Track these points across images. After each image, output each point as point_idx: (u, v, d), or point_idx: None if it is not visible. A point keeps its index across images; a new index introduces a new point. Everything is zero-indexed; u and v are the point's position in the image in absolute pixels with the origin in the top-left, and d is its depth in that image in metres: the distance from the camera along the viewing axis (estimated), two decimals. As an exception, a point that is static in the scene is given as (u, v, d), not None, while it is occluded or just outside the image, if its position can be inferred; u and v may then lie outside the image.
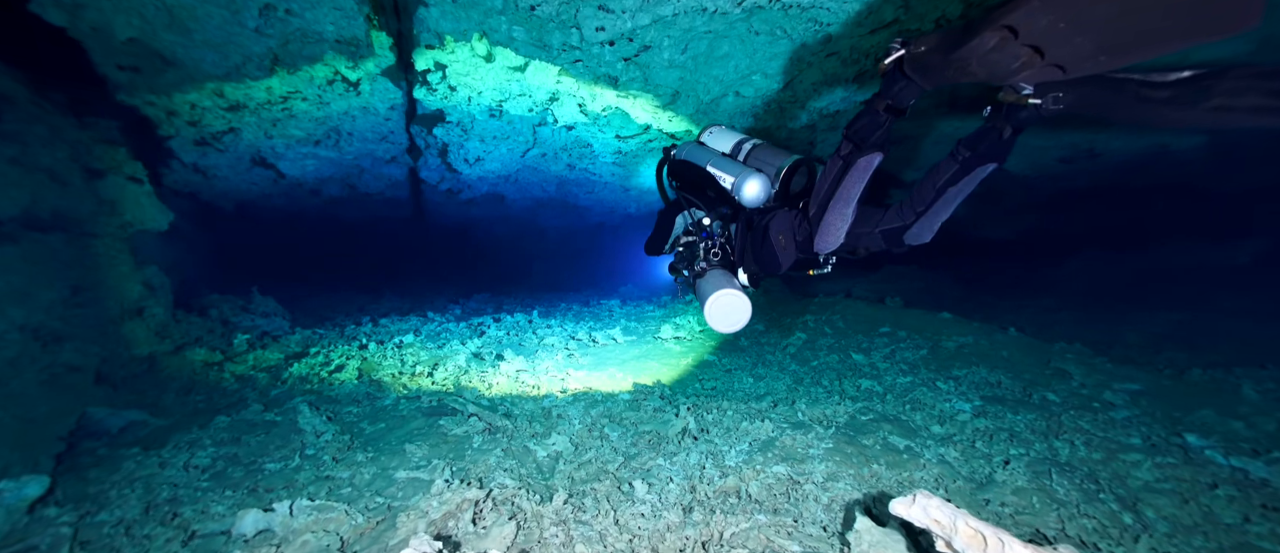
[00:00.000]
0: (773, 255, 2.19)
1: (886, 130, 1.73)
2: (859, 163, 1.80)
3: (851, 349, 4.53)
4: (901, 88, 1.61)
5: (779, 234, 2.17)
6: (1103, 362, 3.90)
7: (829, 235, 1.97)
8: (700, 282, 2.32)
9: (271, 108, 5.52)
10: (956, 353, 4.14)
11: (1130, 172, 6.29)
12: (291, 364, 4.33)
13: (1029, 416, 3.15)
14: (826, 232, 1.97)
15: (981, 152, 1.71)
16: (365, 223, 11.62)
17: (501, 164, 8.01)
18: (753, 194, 2.11)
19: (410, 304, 8.97)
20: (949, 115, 4.93)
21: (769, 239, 2.18)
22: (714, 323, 2.15)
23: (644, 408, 3.38)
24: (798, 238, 2.11)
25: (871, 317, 5.20)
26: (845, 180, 1.85)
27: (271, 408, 3.49)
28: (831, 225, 1.94)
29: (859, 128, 1.76)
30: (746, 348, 5.17)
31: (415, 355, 4.57)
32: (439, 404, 3.28)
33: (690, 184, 2.39)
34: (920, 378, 3.77)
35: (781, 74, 3.78)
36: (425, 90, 5.25)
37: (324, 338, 5.60)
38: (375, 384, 3.71)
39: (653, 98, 4.19)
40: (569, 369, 4.29)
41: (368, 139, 7.01)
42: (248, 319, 6.95)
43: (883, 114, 1.69)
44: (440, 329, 6.05)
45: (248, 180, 8.01)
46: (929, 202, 1.86)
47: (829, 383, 3.86)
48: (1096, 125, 5.18)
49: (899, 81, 1.61)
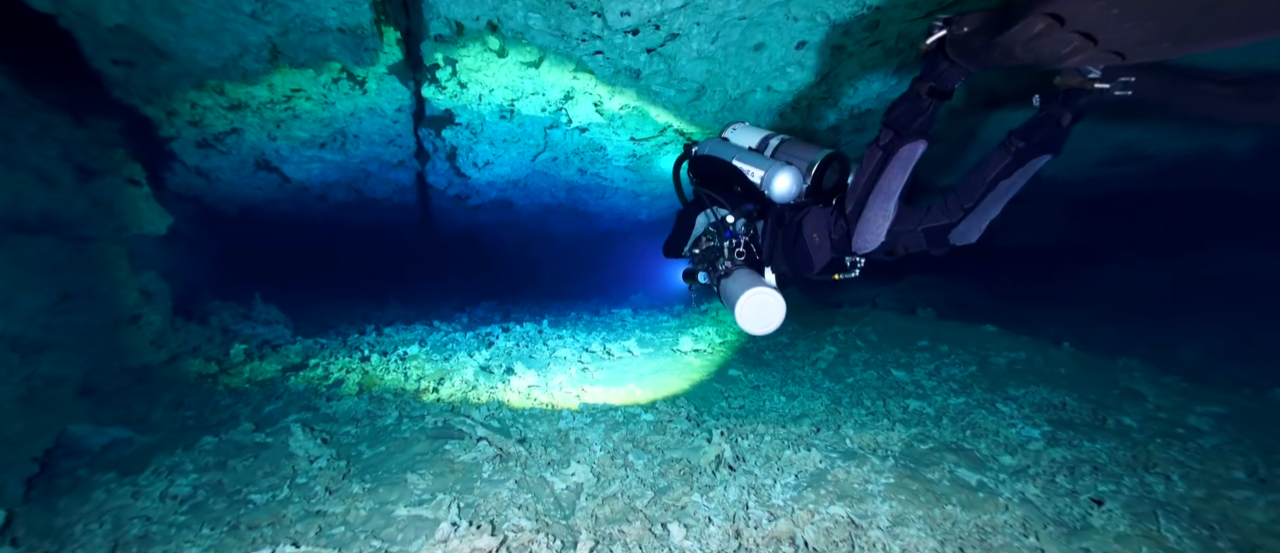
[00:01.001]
0: (806, 255, 2.04)
1: (930, 116, 1.61)
2: (901, 152, 1.66)
3: (890, 365, 4.18)
4: (945, 69, 1.51)
5: (813, 232, 2.02)
6: (1174, 381, 3.54)
7: (869, 233, 1.82)
8: (726, 282, 2.14)
9: (274, 107, 5.28)
10: (1008, 370, 3.79)
11: (1168, 175, 5.93)
12: (288, 378, 4.04)
13: (1108, 444, 2.80)
14: (866, 229, 1.81)
15: (1037, 141, 1.57)
16: (372, 229, 11.41)
17: (511, 168, 7.75)
18: (784, 189, 1.98)
19: (416, 312, 8.70)
20: (987, 110, 4.61)
21: (802, 237, 2.03)
22: (746, 323, 1.97)
23: (670, 431, 3.06)
24: (833, 236, 1.96)
25: (906, 329, 4.85)
26: (886, 172, 1.71)
27: (263, 427, 3.19)
28: (871, 222, 1.79)
29: (899, 114, 1.64)
30: (772, 362, 4.83)
31: (420, 369, 4.27)
32: (445, 425, 2.97)
33: (714, 180, 2.27)
34: (975, 398, 3.42)
35: (818, 66, 3.48)
36: (434, 88, 4.99)
37: (325, 348, 5.32)
38: (376, 401, 3.41)
39: (676, 94, 3.89)
40: (584, 385, 3.97)
41: (375, 142, 6.77)
42: (248, 327, 6.70)
43: (925, 98, 1.58)
44: (446, 339, 5.75)
45: (251, 184, 7.80)
46: (978, 196, 1.69)
47: (872, 403, 3.52)
48: (1147, 123, 4.84)
49: (942, 63, 1.51)
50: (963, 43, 1.41)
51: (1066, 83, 1.51)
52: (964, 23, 1.40)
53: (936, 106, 1.61)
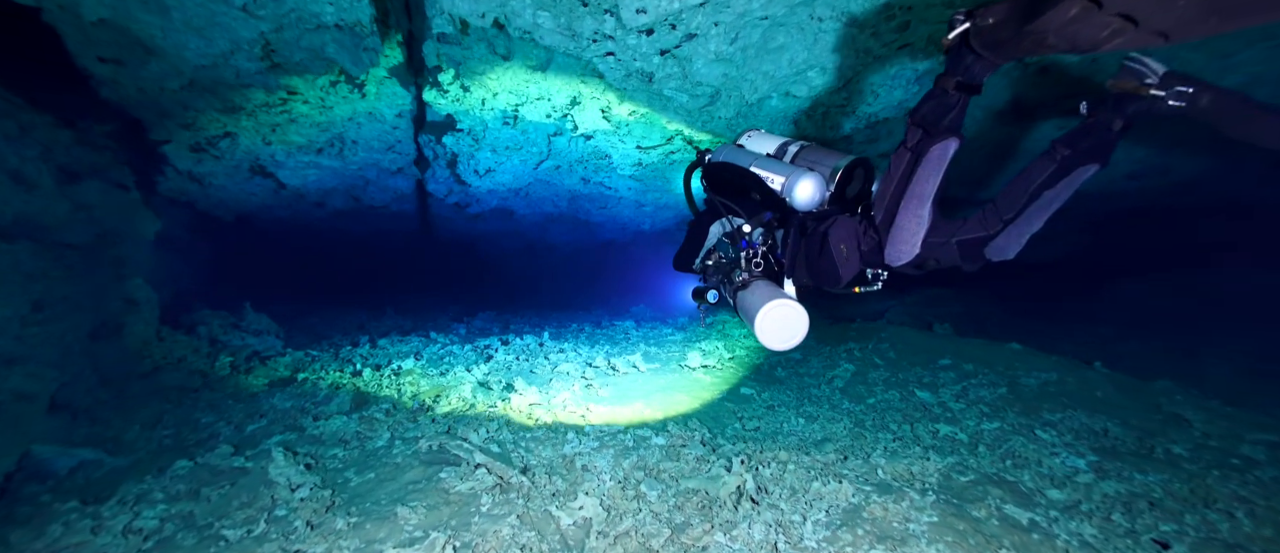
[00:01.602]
0: (832, 267, 1.91)
1: (960, 112, 1.51)
2: (931, 152, 1.55)
3: (912, 384, 3.96)
4: (971, 63, 1.43)
5: (841, 243, 1.89)
6: (1218, 405, 3.33)
7: (902, 243, 1.69)
8: (744, 295, 1.99)
9: (270, 111, 5.10)
10: (1041, 392, 3.57)
11: (1185, 190, 5.77)
12: (274, 394, 3.80)
13: (1161, 476, 2.58)
14: (899, 238, 1.69)
15: (1084, 149, 1.49)
16: (370, 237, 11.22)
17: (513, 176, 7.57)
18: (806, 196, 1.88)
19: (412, 323, 8.47)
20: (1018, 121, 4.44)
21: (829, 248, 1.90)
22: (767, 338, 1.83)
23: (684, 457, 2.83)
24: (862, 247, 1.85)
25: (926, 346, 4.64)
26: (917, 174, 1.60)
27: (243, 450, 2.95)
28: (905, 230, 1.67)
29: (927, 111, 1.55)
30: (785, 380, 4.60)
31: (415, 384, 4.04)
32: (440, 449, 2.74)
33: (729, 189, 2.17)
34: (1010, 423, 3.20)
35: (840, 71, 3.31)
36: (436, 93, 4.81)
37: (316, 360, 5.08)
38: (367, 421, 3.17)
39: (689, 99, 3.71)
40: (589, 404, 3.74)
41: (373, 148, 6.59)
42: (238, 338, 6.45)
43: (953, 93, 1.49)
44: (443, 352, 5.52)
45: (246, 190, 7.60)
46: (1019, 208, 1.57)
47: (898, 428, 3.29)
48: (1174, 142, 4.68)
49: (967, 57, 1.42)
50: (989, 34, 1.32)
51: (1119, 86, 1.44)
52: (989, 14, 1.30)
53: (966, 102, 1.51)
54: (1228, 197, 5.58)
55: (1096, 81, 3.67)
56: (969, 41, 1.38)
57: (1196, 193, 5.74)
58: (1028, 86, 3.89)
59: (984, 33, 1.33)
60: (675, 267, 2.54)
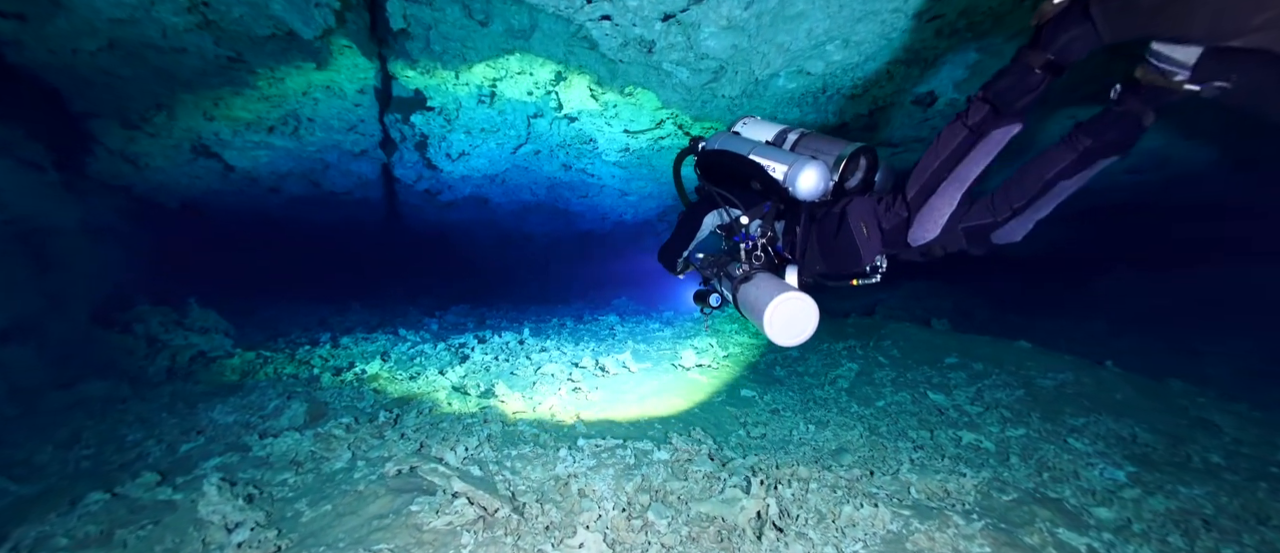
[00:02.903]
0: (851, 248, 1.81)
1: (1038, 96, 1.41)
2: (994, 134, 1.48)
3: (923, 385, 3.74)
4: (1075, 36, 1.29)
5: (860, 222, 1.80)
6: (1242, 408, 3.20)
7: (931, 223, 1.62)
8: (747, 288, 1.89)
9: (209, 81, 4.50)
10: (1058, 394, 3.39)
11: (1179, 186, 5.75)
12: (216, 404, 3.32)
13: (1206, 488, 2.39)
14: (929, 217, 1.62)
15: (1109, 140, 1.40)
16: (332, 226, 10.50)
17: (489, 161, 7.07)
18: (810, 185, 1.79)
19: (379, 318, 7.92)
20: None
21: (847, 228, 1.80)
22: (775, 332, 1.74)
23: (692, 475, 2.51)
24: (884, 226, 1.76)
25: (930, 343, 4.44)
26: (971, 155, 1.51)
27: (173, 477, 2.50)
28: (936, 211, 1.60)
29: (1003, 87, 1.42)
30: (785, 380, 4.34)
31: (382, 391, 3.60)
32: (411, 473, 2.35)
33: (726, 177, 2.09)
34: (1035, 429, 2.99)
35: (861, 45, 3.00)
36: (403, 63, 4.31)
37: (269, 362, 4.56)
38: (324, 439, 2.74)
39: (689, 74, 3.35)
40: (579, 411, 3.38)
41: (333, 128, 6.01)
42: (180, 336, 5.83)
43: (1039, 73, 1.37)
44: (414, 351, 5.06)
45: (189, 173, 6.90)
46: (1031, 196, 1.51)
47: (917, 435, 3.05)
48: (1178, 135, 4.58)
49: (1073, 29, 1.28)
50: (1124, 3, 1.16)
51: (1151, 79, 1.32)
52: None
53: (1048, 85, 1.39)
54: (1219, 193, 5.56)
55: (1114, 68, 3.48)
56: (1088, 8, 1.22)
57: (1188, 188, 5.70)
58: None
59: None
60: (661, 259, 2.39)
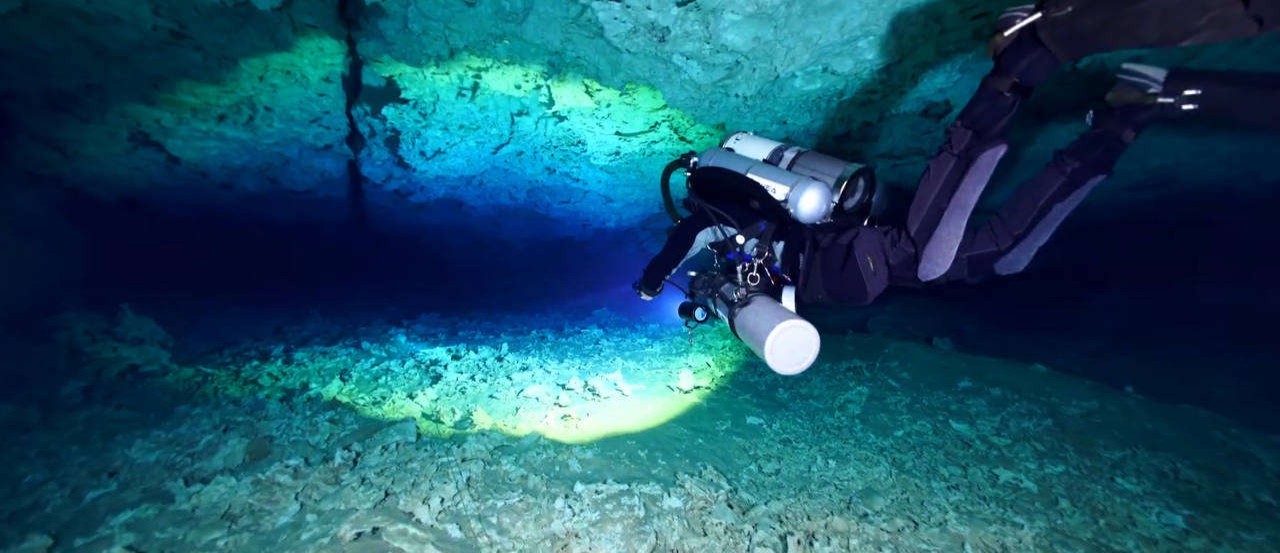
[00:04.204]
0: (857, 282, 1.79)
1: (1013, 116, 1.47)
2: (981, 159, 1.52)
3: (941, 413, 3.49)
4: (1033, 61, 1.36)
5: (867, 256, 1.76)
6: (1275, 438, 3.04)
7: (940, 257, 1.62)
8: (745, 313, 1.84)
9: (146, 56, 3.94)
10: (1087, 424, 3.18)
11: (1174, 204, 5.76)
12: (137, 437, 2.77)
13: (1266, 532, 2.19)
14: (938, 252, 1.61)
15: (1093, 160, 1.47)
16: (291, 227, 9.79)
17: (467, 161, 6.60)
18: (811, 207, 1.78)
19: (341, 327, 7.30)
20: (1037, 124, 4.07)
21: (854, 262, 1.77)
22: (777, 362, 1.70)
23: (711, 528, 2.16)
24: (891, 261, 1.74)
25: (939, 365, 4.21)
26: (964, 184, 1.54)
27: (68, 540, 1.99)
28: (945, 243, 1.60)
29: (979, 114, 1.49)
30: (789, 403, 4.04)
31: (339, 420, 3.11)
32: (373, 536, 1.91)
33: (722, 196, 2.04)
34: (1073, 465, 2.75)
35: (898, 44, 2.73)
36: (376, 44, 3.85)
37: (208, 381, 4.00)
38: (266, 487, 2.25)
39: (701, 69, 3.03)
40: (571, 443, 2.97)
41: (293, 119, 5.46)
42: (108, 348, 5.15)
43: (1008, 95, 1.43)
44: (379, 369, 4.55)
45: (128, 164, 6.21)
46: (1029, 222, 1.54)
47: (948, 471, 2.77)
48: (1194, 142, 4.52)
49: (1030, 53, 1.35)
50: (1065, 25, 1.24)
51: (1122, 98, 1.40)
52: (1067, 3, 1.23)
53: (1019, 105, 1.44)
54: (1209, 209, 5.58)
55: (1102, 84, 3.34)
56: (1037, 35, 1.29)
57: (1183, 206, 5.71)
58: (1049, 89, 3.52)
59: (1058, 24, 1.25)
60: (648, 275, 2.28)
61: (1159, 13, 1.10)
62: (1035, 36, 1.31)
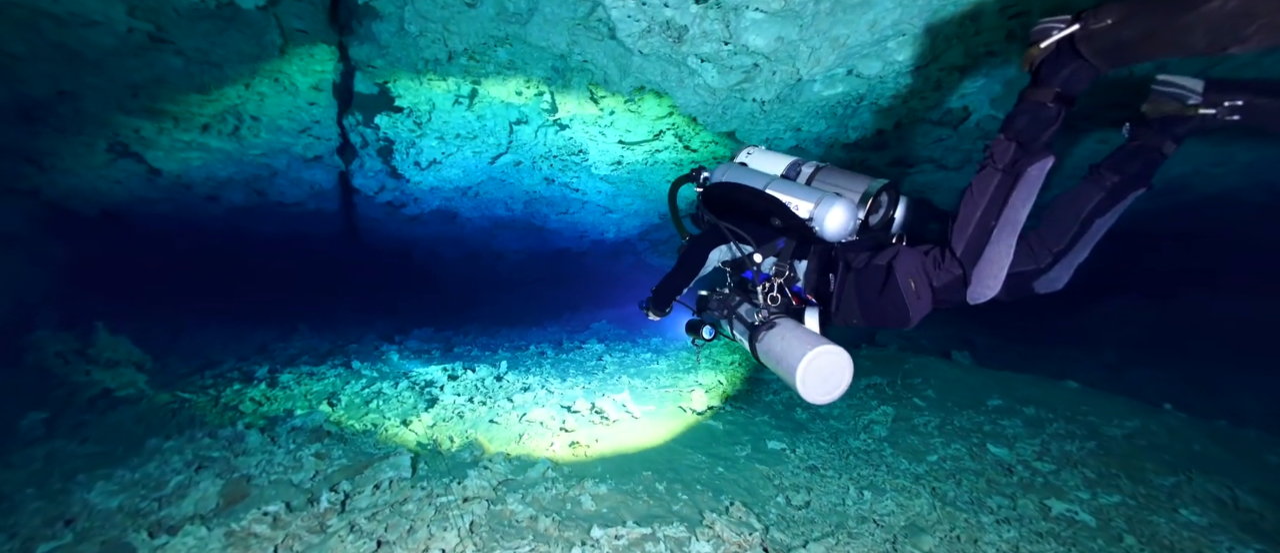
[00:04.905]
0: (898, 306, 1.67)
1: (1058, 127, 1.39)
2: (1029, 173, 1.41)
3: (975, 435, 3.28)
4: (1073, 71, 1.30)
5: (909, 278, 1.65)
6: (1333, 462, 2.86)
7: (991, 278, 1.51)
8: (770, 337, 1.73)
9: (123, 62, 3.70)
10: (1131, 446, 2.98)
11: (1181, 214, 5.66)
12: (99, 478, 2.49)
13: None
14: (988, 273, 1.50)
15: (1132, 174, 1.43)
16: (279, 240, 9.49)
17: (463, 172, 6.38)
18: (838, 224, 1.70)
19: (330, 343, 7.01)
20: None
21: (894, 284, 1.66)
22: (809, 391, 1.57)
23: (746, 576, 1.91)
24: (935, 283, 1.63)
25: (965, 382, 4.02)
26: (1012, 199, 1.43)
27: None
28: (996, 263, 1.49)
29: (1023, 126, 1.41)
30: (809, 424, 3.81)
31: (326, 453, 2.84)
32: (367, 595, 1.65)
33: (737, 212, 1.96)
34: (1128, 494, 2.55)
35: (931, 45, 2.56)
36: (369, 48, 3.63)
37: (185, 408, 3.71)
38: (240, 540, 1.99)
39: (717, 73, 2.84)
40: (584, 480, 2.72)
41: (282, 129, 5.22)
42: (80, 371, 4.85)
43: (1051, 106, 1.36)
44: (370, 392, 4.28)
45: (108, 176, 5.94)
46: (1070, 239, 1.50)
47: (995, 502, 2.55)
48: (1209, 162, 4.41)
49: (1069, 64, 1.30)
50: (1107, 37, 1.20)
51: (1159, 110, 1.38)
52: (1107, 14, 1.19)
53: (1064, 115, 1.38)
54: (1225, 218, 5.47)
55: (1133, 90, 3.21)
56: (1076, 46, 1.27)
57: (1191, 213, 5.59)
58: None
59: (1099, 36, 1.22)
60: (657, 295, 2.16)
61: (1206, 22, 1.07)
62: (1074, 48, 1.28)
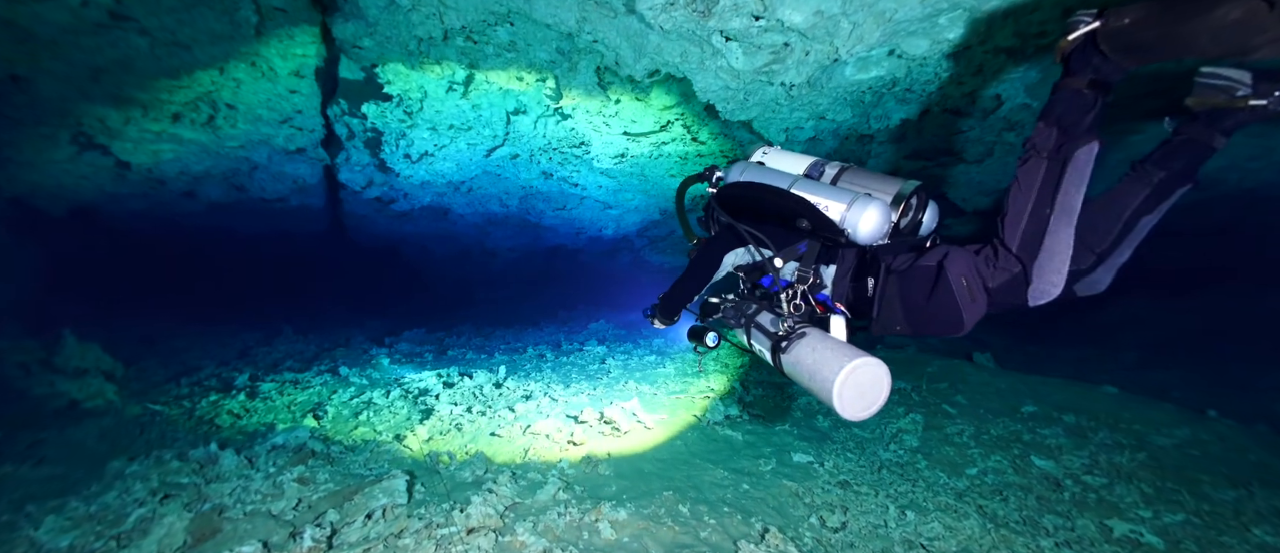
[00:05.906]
0: (951, 310, 1.52)
1: (1100, 112, 1.34)
2: (1078, 157, 1.35)
3: (1015, 444, 3.07)
4: (1100, 63, 1.30)
5: (962, 279, 1.51)
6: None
7: (1054, 274, 1.41)
8: (799, 348, 1.55)
9: (78, 41, 3.35)
10: (1184, 457, 2.79)
11: (1198, 212, 5.52)
12: (51, 512, 2.18)
13: None
14: (1050, 268, 1.40)
15: (1179, 169, 1.37)
16: (261, 238, 9.09)
17: (456, 166, 6.06)
18: (871, 228, 1.59)
19: (316, 346, 6.67)
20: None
21: (947, 286, 1.52)
22: (846, 407, 1.41)
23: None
24: (990, 283, 1.50)
25: (994, 386, 3.82)
26: (1065, 185, 1.36)
27: None
28: (1057, 257, 1.40)
29: (1063, 111, 1.36)
30: (832, 433, 3.59)
31: (310, 477, 2.54)
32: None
33: (757, 214, 1.86)
34: (1191, 510, 2.35)
35: (984, 15, 2.32)
36: (357, 26, 3.32)
37: (154, 423, 3.39)
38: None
39: (744, 54, 2.58)
40: (601, 503, 2.46)
41: (261, 119, 4.87)
42: (43, 383, 4.50)
43: (1088, 92, 1.33)
44: (359, 402, 3.98)
45: (73, 171, 5.55)
46: (1115, 238, 1.45)
47: (1052, 523, 2.34)
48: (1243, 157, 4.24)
49: (1094, 58, 1.30)
50: (1124, 36, 1.22)
51: (1205, 103, 1.31)
52: (1125, 14, 1.21)
53: (1103, 102, 1.33)
54: (1258, 212, 5.30)
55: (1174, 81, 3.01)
56: (1096, 43, 1.27)
57: (1221, 208, 5.44)
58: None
59: (1118, 34, 1.23)
60: (665, 302, 2.05)
61: (1211, 31, 1.08)
62: (1095, 44, 1.28)
